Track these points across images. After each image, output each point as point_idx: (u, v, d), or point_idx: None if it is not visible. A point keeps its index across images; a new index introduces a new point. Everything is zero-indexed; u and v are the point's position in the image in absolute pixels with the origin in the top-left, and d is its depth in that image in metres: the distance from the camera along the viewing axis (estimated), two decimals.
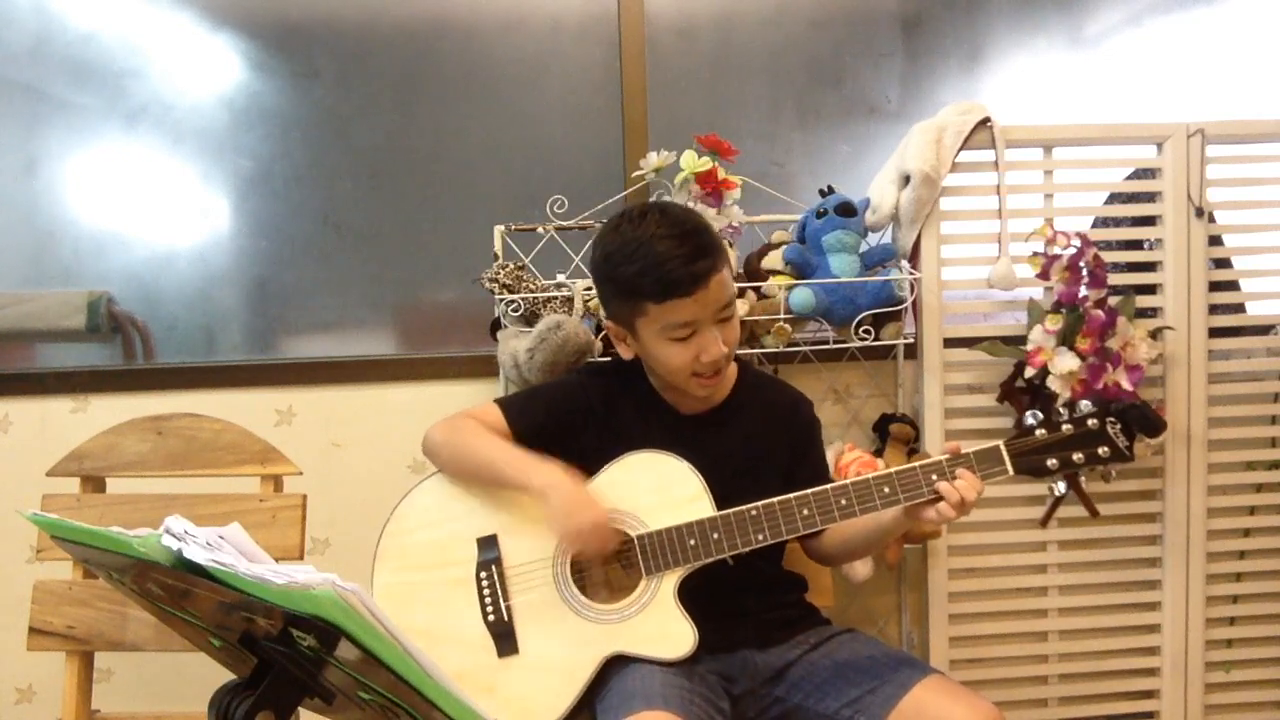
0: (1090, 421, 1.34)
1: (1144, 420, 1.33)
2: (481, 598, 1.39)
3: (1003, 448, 1.34)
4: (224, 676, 0.90)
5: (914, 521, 1.36)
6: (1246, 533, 2.04)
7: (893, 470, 1.35)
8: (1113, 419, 1.34)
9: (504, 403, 1.52)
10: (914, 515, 1.35)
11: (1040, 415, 1.35)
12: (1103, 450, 1.33)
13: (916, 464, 1.35)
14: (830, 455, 1.86)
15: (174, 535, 0.83)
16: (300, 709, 0.88)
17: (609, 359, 1.75)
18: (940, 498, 1.32)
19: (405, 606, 1.41)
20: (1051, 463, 1.34)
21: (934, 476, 1.33)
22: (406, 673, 0.75)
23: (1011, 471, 1.34)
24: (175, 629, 1.04)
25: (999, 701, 1.96)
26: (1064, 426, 1.34)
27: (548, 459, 1.40)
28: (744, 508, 1.36)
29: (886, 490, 1.35)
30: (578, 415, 1.49)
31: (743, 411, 1.51)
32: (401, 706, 0.80)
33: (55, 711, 1.86)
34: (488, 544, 1.41)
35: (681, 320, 1.36)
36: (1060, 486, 1.36)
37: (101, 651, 1.63)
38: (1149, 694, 2.05)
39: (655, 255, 1.34)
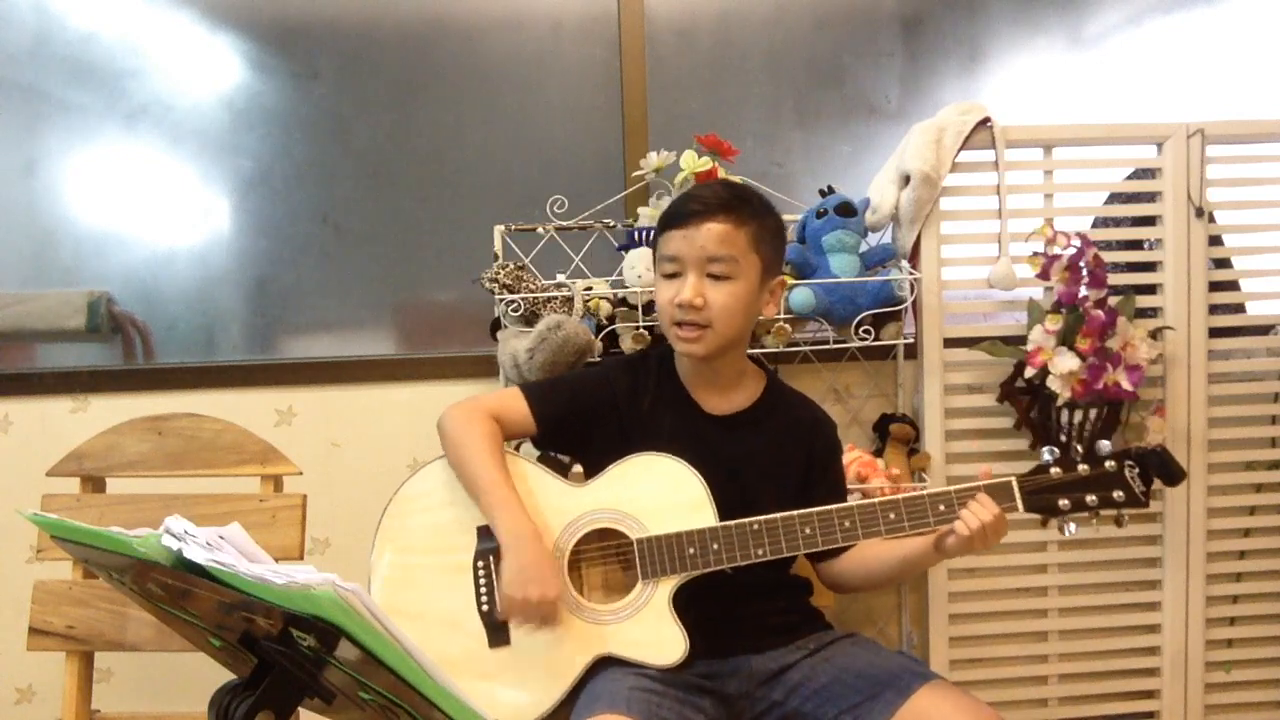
0: (1108, 463, 1.31)
1: (1163, 467, 1.29)
2: (477, 586, 1.39)
3: (1014, 484, 1.32)
4: (224, 676, 0.90)
5: (941, 555, 1.35)
6: (1246, 533, 2.04)
7: (900, 496, 1.34)
8: (1132, 463, 1.31)
9: (528, 389, 1.51)
10: (940, 547, 1.34)
11: (1056, 452, 1.33)
12: (1118, 494, 1.30)
13: (925, 491, 1.34)
14: None
15: (174, 535, 0.83)
16: (300, 709, 0.88)
17: (638, 351, 1.75)
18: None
19: (402, 588, 1.41)
20: (1064, 503, 1.31)
21: (941, 506, 1.33)
22: (407, 673, 0.75)
23: (1021, 509, 1.31)
24: (175, 629, 1.04)
25: (999, 701, 1.98)
26: (1080, 466, 1.31)
27: (527, 515, 1.38)
28: (746, 521, 1.35)
29: (892, 516, 1.33)
30: (601, 407, 1.49)
31: (766, 419, 1.50)
32: (402, 706, 0.80)
33: (55, 711, 1.86)
34: (487, 533, 1.41)
35: (669, 253, 1.42)
36: (1071, 528, 1.33)
37: (101, 651, 1.63)
38: (1149, 694, 2.05)
39: (682, 195, 1.47)
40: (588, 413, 1.48)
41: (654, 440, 1.42)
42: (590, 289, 1.85)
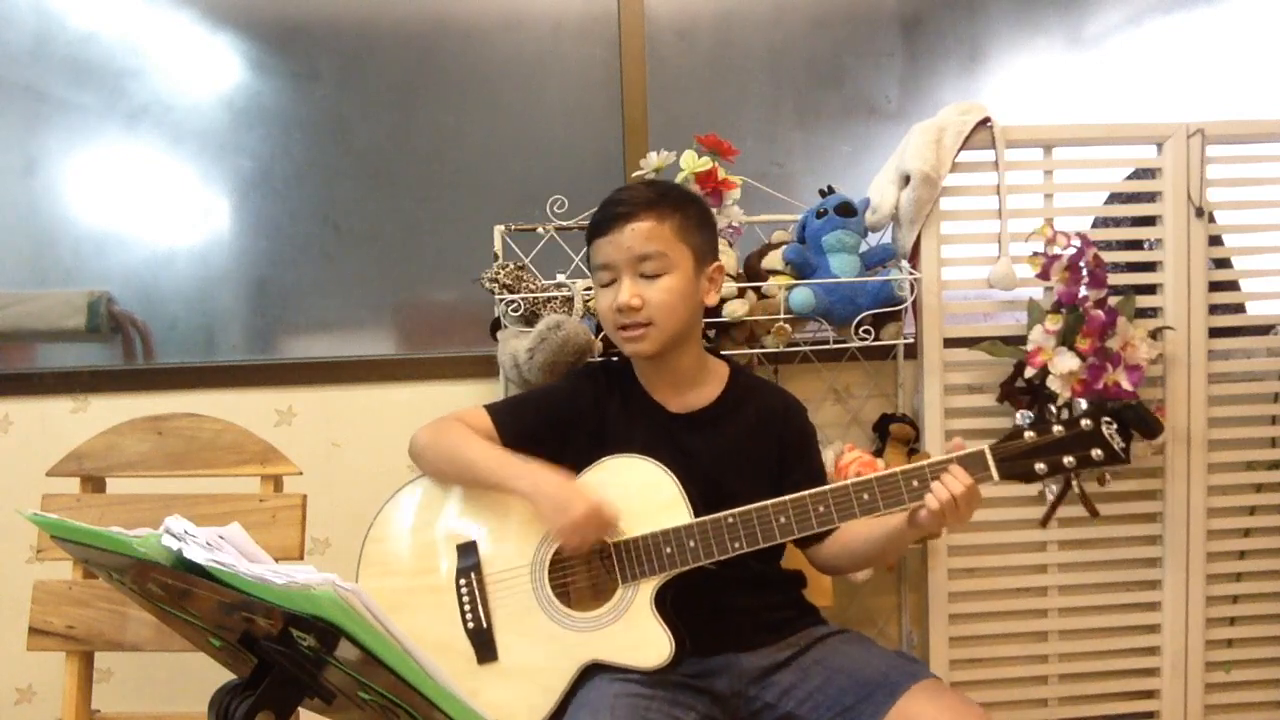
0: (1084, 422, 1.28)
1: (1141, 420, 1.27)
2: (461, 605, 1.39)
3: (987, 452, 1.29)
4: (224, 676, 0.90)
5: (917, 530, 1.34)
6: (1246, 533, 2.04)
7: (873, 476, 1.33)
8: (1108, 419, 1.28)
9: (493, 409, 1.51)
10: (914, 523, 1.33)
11: (1031, 416, 1.30)
12: (1096, 452, 1.27)
13: (898, 469, 1.32)
14: (830, 456, 1.86)
15: (174, 535, 0.83)
16: (300, 709, 0.88)
17: (599, 360, 1.76)
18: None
19: (387, 612, 1.40)
20: (1040, 467, 1.28)
21: (915, 482, 1.31)
22: (406, 673, 0.75)
23: (996, 477, 1.29)
24: (175, 629, 1.04)
25: (999, 702, 1.98)
26: (1055, 428, 1.28)
27: (531, 460, 1.40)
28: (720, 515, 1.35)
29: (865, 497, 1.32)
30: (567, 420, 1.49)
31: (732, 413, 1.50)
32: (401, 706, 0.80)
33: (55, 711, 1.86)
34: (467, 551, 1.41)
35: (600, 261, 1.44)
36: (1053, 489, 1.32)
37: (101, 651, 1.63)
38: (1149, 694, 2.05)
39: (602, 202, 1.46)
40: (555, 428, 1.48)
41: (624, 447, 1.42)
42: (590, 289, 1.85)
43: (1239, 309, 2.04)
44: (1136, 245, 2.00)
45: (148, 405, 1.80)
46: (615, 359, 1.57)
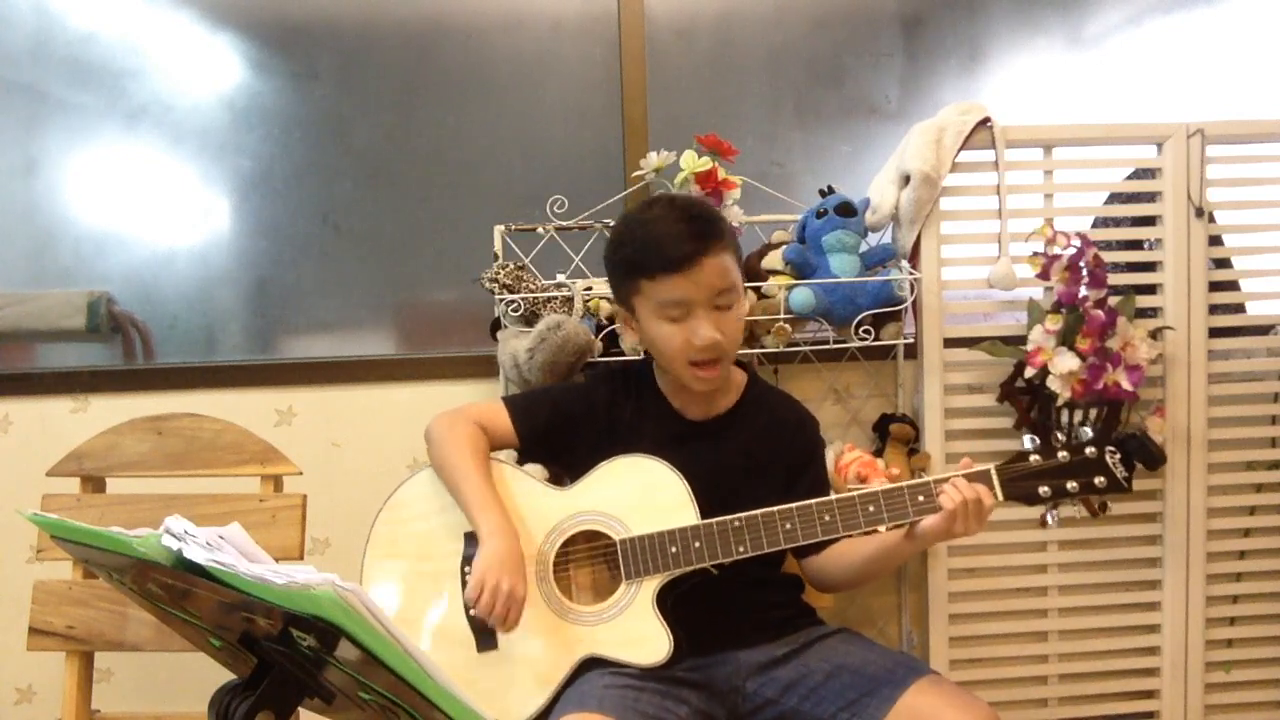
0: (1089, 450, 1.32)
1: (1144, 451, 1.31)
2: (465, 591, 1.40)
3: (993, 472, 1.32)
4: (224, 676, 0.90)
5: (916, 543, 1.34)
6: (1246, 533, 2.04)
7: (879, 489, 1.34)
8: (1112, 448, 1.31)
9: (510, 402, 1.52)
10: (913, 535, 1.34)
11: (1037, 440, 1.33)
12: (1099, 480, 1.31)
13: (904, 484, 1.34)
14: (830, 455, 1.86)
15: (174, 535, 0.83)
16: (300, 709, 0.88)
17: (618, 360, 1.76)
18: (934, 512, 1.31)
19: (391, 594, 1.42)
20: (1044, 490, 1.31)
21: (921, 497, 1.32)
22: (406, 673, 0.75)
23: (1000, 497, 1.32)
24: (175, 629, 1.04)
25: (999, 701, 1.97)
26: (1060, 454, 1.32)
27: (504, 514, 1.39)
28: (727, 518, 1.36)
29: (871, 509, 1.34)
30: (581, 420, 1.50)
31: (746, 421, 1.51)
32: (401, 706, 0.80)
33: (55, 711, 1.86)
34: (474, 539, 1.41)
35: (674, 298, 1.38)
36: (1053, 517, 1.34)
37: (101, 651, 1.63)
38: (1149, 694, 2.05)
39: (655, 233, 1.39)
40: (569, 425, 1.49)
41: (635, 448, 1.43)
42: (590, 289, 1.85)
43: (1239, 309, 2.04)
44: (1136, 245, 2.00)
45: (148, 405, 1.80)
46: (632, 361, 1.58)
